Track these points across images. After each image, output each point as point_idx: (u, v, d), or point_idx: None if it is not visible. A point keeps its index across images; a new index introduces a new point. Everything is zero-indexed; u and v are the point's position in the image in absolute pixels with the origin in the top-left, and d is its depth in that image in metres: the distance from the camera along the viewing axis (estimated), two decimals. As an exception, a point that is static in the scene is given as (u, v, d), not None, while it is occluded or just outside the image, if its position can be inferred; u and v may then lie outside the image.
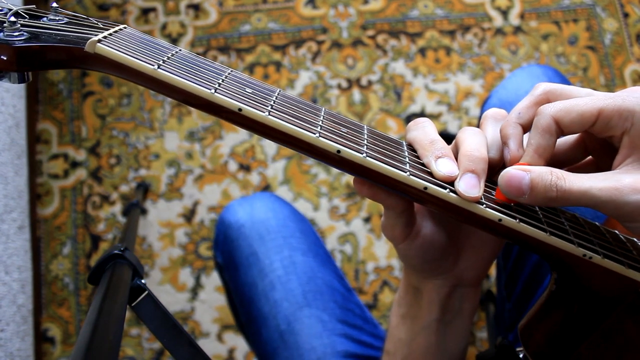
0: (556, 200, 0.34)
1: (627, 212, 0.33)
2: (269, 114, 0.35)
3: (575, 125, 0.36)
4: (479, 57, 1.44)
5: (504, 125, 0.39)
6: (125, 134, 1.37)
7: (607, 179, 0.34)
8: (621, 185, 0.33)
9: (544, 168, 0.35)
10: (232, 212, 0.80)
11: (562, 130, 0.36)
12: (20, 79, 0.35)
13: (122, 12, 1.47)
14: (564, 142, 0.42)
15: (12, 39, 0.34)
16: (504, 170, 0.36)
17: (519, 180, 0.35)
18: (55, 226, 1.31)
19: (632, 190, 0.33)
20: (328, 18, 1.47)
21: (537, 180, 0.35)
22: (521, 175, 0.35)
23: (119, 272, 0.51)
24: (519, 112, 0.39)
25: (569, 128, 0.36)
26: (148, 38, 0.38)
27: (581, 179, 0.34)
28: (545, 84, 0.40)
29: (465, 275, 0.47)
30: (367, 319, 0.76)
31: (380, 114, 1.39)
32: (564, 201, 0.34)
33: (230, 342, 1.24)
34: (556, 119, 0.36)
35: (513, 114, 0.39)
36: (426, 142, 0.39)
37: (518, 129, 0.39)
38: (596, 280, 0.37)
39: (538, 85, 0.40)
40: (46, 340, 1.24)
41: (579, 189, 0.34)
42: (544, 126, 0.36)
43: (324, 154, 0.35)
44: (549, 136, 0.36)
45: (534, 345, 0.40)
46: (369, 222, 1.31)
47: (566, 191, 0.34)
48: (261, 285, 0.74)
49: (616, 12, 1.49)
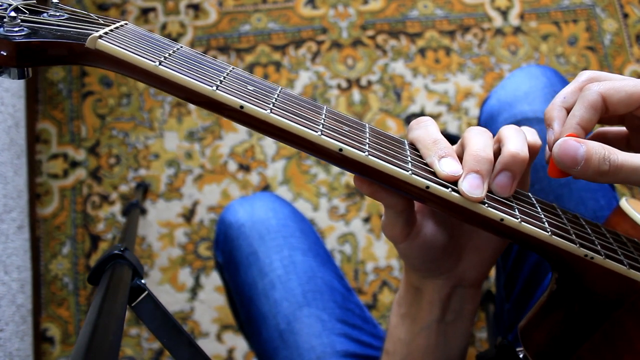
0: (607, 174, 0.35)
1: None
2: (271, 112, 0.34)
3: (621, 105, 0.36)
4: (478, 58, 1.44)
5: (548, 108, 0.40)
6: (124, 134, 1.37)
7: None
8: None
9: (597, 142, 0.35)
10: (233, 212, 0.80)
11: (607, 109, 0.37)
12: (20, 74, 0.35)
13: (122, 12, 1.47)
14: (605, 132, 0.43)
15: (12, 34, 0.34)
16: (560, 139, 0.36)
17: (575, 150, 0.35)
18: (54, 226, 1.30)
19: None
20: (328, 18, 1.47)
21: (592, 152, 0.35)
22: (576, 145, 0.35)
23: (119, 272, 0.51)
24: (564, 96, 0.40)
25: (615, 107, 0.36)
26: (149, 34, 0.38)
27: (633, 155, 0.35)
28: (590, 71, 0.40)
29: (466, 276, 0.47)
30: (367, 318, 0.76)
31: (380, 114, 1.39)
32: (614, 176, 0.35)
33: (230, 342, 1.24)
34: (605, 96, 0.36)
35: (558, 98, 0.40)
36: (429, 142, 0.39)
37: (563, 112, 0.39)
38: (597, 281, 0.37)
39: (583, 72, 0.40)
40: (45, 340, 1.24)
41: (632, 164, 0.34)
42: (591, 101, 0.37)
43: (325, 152, 0.35)
44: (593, 111, 0.37)
45: (535, 346, 0.40)
46: (369, 222, 1.31)
47: (618, 165, 0.34)
48: (261, 284, 0.73)
49: (616, 12, 1.49)
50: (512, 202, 0.38)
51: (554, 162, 0.36)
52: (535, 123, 0.69)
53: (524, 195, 0.40)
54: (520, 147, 0.37)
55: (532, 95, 0.72)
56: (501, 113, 0.73)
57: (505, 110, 0.72)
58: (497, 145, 0.40)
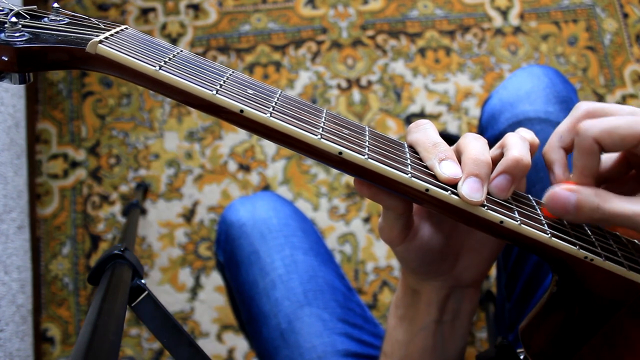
0: (601, 221, 0.35)
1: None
2: (271, 116, 0.34)
3: (617, 147, 0.36)
4: (478, 58, 1.44)
5: (546, 150, 0.40)
6: (124, 134, 1.37)
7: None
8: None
9: (589, 190, 0.36)
10: (234, 211, 0.80)
11: (604, 150, 0.36)
12: (22, 79, 0.35)
13: (122, 12, 1.47)
14: (608, 158, 0.43)
15: (13, 39, 0.34)
16: (550, 188, 0.36)
17: (565, 200, 0.36)
18: (54, 226, 1.30)
19: None
20: (328, 18, 1.47)
21: (583, 201, 0.35)
22: (566, 195, 0.36)
23: (119, 272, 0.51)
24: (561, 135, 0.39)
25: (610, 149, 0.36)
26: (149, 39, 0.38)
27: (625, 202, 0.35)
28: (587, 104, 0.39)
29: (464, 277, 0.47)
30: (368, 318, 0.76)
31: (380, 114, 1.39)
32: (608, 222, 0.35)
33: (230, 342, 1.24)
34: (598, 140, 0.36)
35: (555, 138, 0.40)
36: (429, 145, 0.39)
37: (561, 154, 0.39)
38: (597, 283, 0.37)
39: (579, 105, 0.39)
40: (46, 340, 1.24)
41: (623, 212, 0.35)
42: (587, 148, 0.36)
43: (325, 156, 0.35)
44: (592, 157, 0.36)
45: (535, 347, 0.40)
46: (369, 222, 1.31)
47: (611, 214, 0.35)
48: (262, 283, 0.74)
49: (616, 12, 1.49)
50: (511, 204, 0.38)
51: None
52: (537, 123, 0.69)
53: (524, 197, 0.40)
54: (524, 153, 0.38)
55: (533, 95, 0.72)
56: (503, 113, 0.73)
57: (507, 110, 0.72)
58: (500, 151, 0.40)
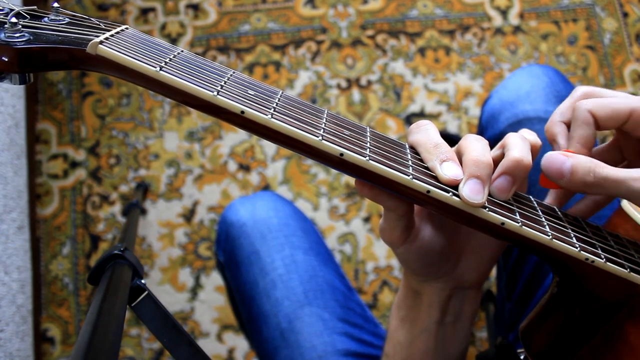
0: (592, 186, 0.37)
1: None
2: (272, 117, 0.34)
3: (609, 121, 0.40)
4: (478, 57, 1.44)
5: (549, 125, 0.43)
6: (124, 134, 1.37)
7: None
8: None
9: (584, 157, 0.38)
10: (234, 211, 0.80)
11: (598, 124, 0.40)
12: (22, 80, 0.35)
13: (122, 12, 1.47)
14: (601, 146, 0.46)
15: (13, 40, 0.34)
16: (547, 153, 0.39)
17: (560, 163, 0.38)
18: (54, 226, 1.30)
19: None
20: (327, 18, 1.47)
21: (577, 165, 0.37)
22: (562, 159, 0.38)
23: (119, 273, 0.51)
24: (561, 112, 0.43)
25: (603, 122, 0.40)
26: (150, 39, 0.38)
27: (618, 170, 0.37)
28: (584, 87, 0.43)
29: (465, 278, 0.47)
30: (368, 318, 0.76)
31: (380, 113, 1.39)
32: (600, 187, 0.37)
33: (230, 342, 1.24)
34: (592, 112, 0.40)
35: (556, 115, 0.43)
36: (430, 146, 0.39)
37: (562, 127, 0.42)
38: (598, 284, 0.37)
39: (578, 88, 0.44)
40: (46, 341, 1.24)
41: (616, 177, 0.37)
42: (582, 118, 0.40)
43: (326, 157, 0.35)
44: (587, 127, 0.40)
45: (535, 347, 0.40)
46: (369, 222, 1.31)
47: (603, 178, 0.37)
48: (262, 283, 0.73)
49: (615, 11, 1.49)
50: (513, 206, 0.38)
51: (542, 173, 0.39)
52: (537, 122, 0.69)
53: (525, 199, 0.40)
54: (525, 154, 0.38)
55: (533, 94, 0.72)
56: (503, 112, 0.73)
57: (507, 109, 0.72)
58: (501, 151, 0.40)
